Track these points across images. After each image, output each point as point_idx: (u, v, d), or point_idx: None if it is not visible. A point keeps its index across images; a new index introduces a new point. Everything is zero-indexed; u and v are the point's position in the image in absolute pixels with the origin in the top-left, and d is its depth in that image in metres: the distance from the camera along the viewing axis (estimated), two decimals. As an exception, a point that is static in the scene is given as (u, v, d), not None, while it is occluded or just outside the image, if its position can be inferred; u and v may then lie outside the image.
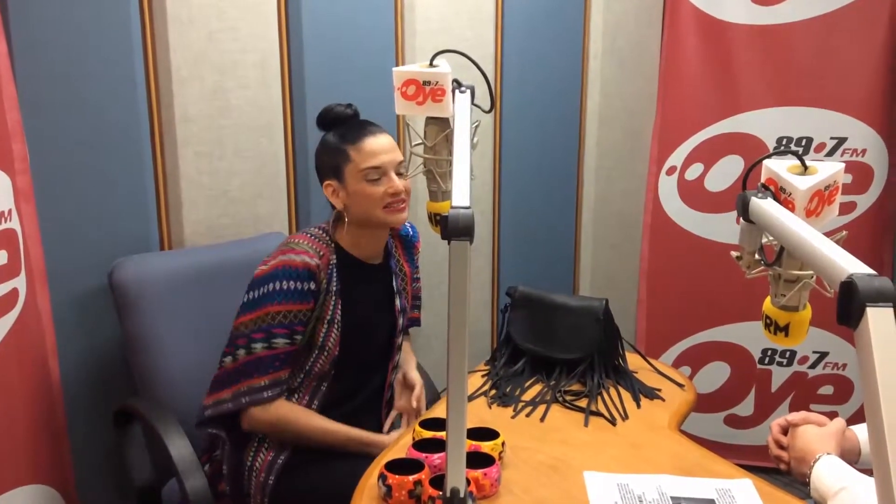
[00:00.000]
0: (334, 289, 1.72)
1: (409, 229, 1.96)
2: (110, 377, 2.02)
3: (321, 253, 1.71)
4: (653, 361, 1.96)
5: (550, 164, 2.80)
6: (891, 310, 0.78)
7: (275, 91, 2.21)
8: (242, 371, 1.68)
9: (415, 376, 1.93)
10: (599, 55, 2.78)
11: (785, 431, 1.51)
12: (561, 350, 1.86)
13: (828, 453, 1.35)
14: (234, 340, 1.70)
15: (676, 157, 2.78)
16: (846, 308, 0.80)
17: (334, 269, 1.73)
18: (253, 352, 1.67)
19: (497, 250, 2.76)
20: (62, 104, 1.88)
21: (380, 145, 1.73)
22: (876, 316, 0.77)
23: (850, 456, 1.43)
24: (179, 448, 1.67)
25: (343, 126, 1.77)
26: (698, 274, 2.81)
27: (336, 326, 1.72)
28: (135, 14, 1.95)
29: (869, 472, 1.30)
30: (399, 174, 1.74)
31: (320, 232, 1.77)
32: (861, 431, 1.47)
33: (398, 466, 1.36)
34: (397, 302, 1.86)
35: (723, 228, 2.77)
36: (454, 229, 0.95)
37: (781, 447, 1.49)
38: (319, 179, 1.81)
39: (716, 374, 2.85)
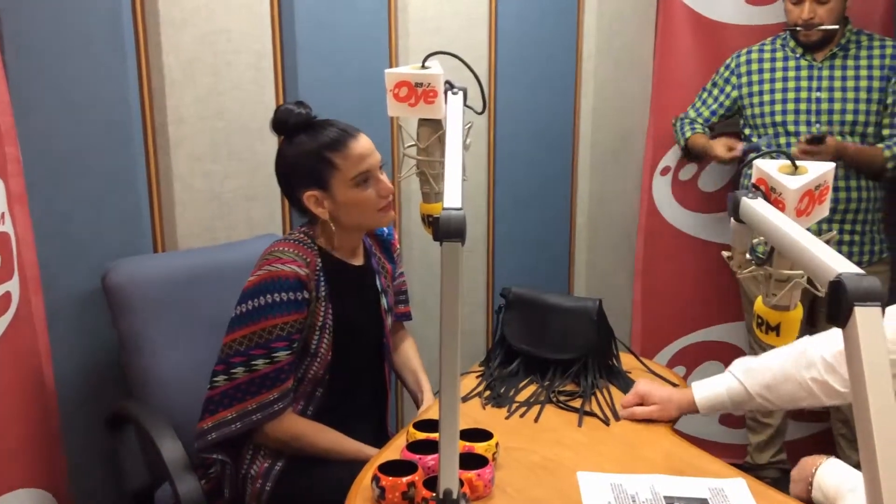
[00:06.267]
0: (323, 294, 1.68)
1: (384, 229, 1.90)
2: (104, 380, 2.02)
3: (307, 259, 1.66)
4: (647, 361, 1.96)
5: (545, 165, 2.80)
6: (878, 309, 0.79)
7: (268, 93, 2.20)
8: (246, 390, 1.61)
9: (428, 396, 1.89)
10: (593, 56, 2.78)
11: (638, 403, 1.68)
12: (555, 350, 1.86)
13: (829, 457, 1.35)
14: (228, 358, 1.62)
15: (670, 158, 2.79)
16: (835, 307, 0.81)
17: (321, 274, 1.69)
18: (255, 369, 1.60)
19: (492, 251, 2.76)
20: (55, 107, 1.88)
21: (365, 148, 1.68)
22: (864, 315, 0.78)
23: None
24: (171, 451, 1.67)
25: (310, 129, 1.68)
26: (692, 274, 2.82)
27: (328, 331, 1.70)
28: (127, 16, 1.95)
29: None
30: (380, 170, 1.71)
31: (303, 236, 1.71)
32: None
33: (392, 468, 1.36)
34: (383, 301, 1.84)
35: (717, 228, 2.78)
36: (446, 231, 0.95)
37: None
38: (290, 188, 1.71)
39: (710, 374, 2.84)
